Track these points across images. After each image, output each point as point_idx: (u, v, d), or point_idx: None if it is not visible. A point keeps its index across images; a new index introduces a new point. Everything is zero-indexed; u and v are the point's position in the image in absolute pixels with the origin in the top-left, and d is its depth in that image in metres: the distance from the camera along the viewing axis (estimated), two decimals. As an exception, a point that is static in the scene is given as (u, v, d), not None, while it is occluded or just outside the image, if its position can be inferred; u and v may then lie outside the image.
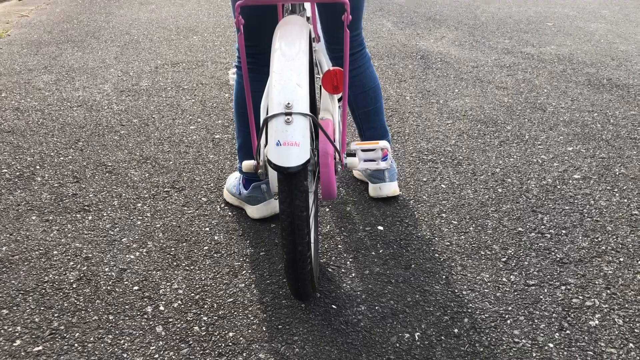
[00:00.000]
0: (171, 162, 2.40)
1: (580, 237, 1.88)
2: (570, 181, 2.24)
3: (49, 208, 2.06)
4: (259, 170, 1.46)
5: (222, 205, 2.08)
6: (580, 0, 6.06)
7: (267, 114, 1.36)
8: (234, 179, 2.06)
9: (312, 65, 1.64)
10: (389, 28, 4.72)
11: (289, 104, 1.32)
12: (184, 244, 1.87)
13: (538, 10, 5.46)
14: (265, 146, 1.40)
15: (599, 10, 5.51)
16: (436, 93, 3.21)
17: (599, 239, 1.87)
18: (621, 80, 3.42)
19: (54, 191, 2.17)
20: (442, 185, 2.22)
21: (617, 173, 2.30)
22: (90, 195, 2.15)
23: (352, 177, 2.27)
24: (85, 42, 4.18)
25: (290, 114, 1.31)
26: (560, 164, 2.38)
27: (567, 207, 2.06)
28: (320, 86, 1.58)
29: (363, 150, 1.61)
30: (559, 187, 2.20)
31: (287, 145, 1.30)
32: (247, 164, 1.49)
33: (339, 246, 1.85)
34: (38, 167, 2.35)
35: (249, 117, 1.50)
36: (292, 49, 1.39)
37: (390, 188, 2.07)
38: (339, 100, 1.77)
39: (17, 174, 2.30)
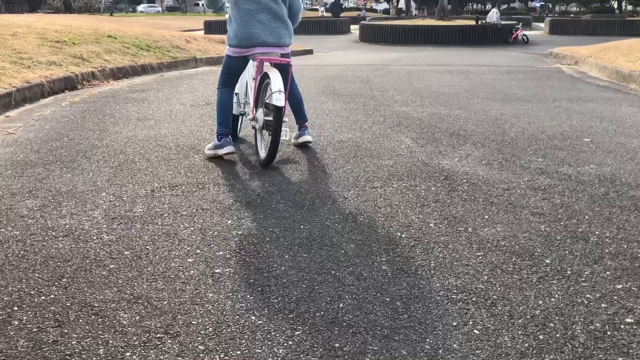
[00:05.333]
0: (165, 302, 2.41)
1: (638, 396, 1.84)
2: (622, 326, 2.21)
3: (25, 358, 2.05)
4: (252, 119, 4.57)
5: (222, 355, 2.06)
6: (618, 112, 6.25)
7: (266, 95, 4.28)
8: (211, 144, 4.58)
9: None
10: (408, 145, 4.87)
11: (280, 89, 4.07)
12: (178, 402, 1.84)
13: (573, 124, 5.63)
14: (257, 109, 4.50)
15: (641, 123, 5.68)
16: (464, 220, 3.25)
17: (661, 398, 1.82)
18: (672, 204, 3.46)
19: (32, 337, 2.17)
20: (475, 330, 2.20)
21: (676, 316, 2.27)
22: (73, 342, 2.14)
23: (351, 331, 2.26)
24: (76, 162, 4.34)
25: (281, 91, 4.06)
26: (609, 305, 2.36)
27: (620, 358, 2.02)
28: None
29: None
30: (609, 333, 2.17)
31: (279, 100, 4.04)
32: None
33: (357, 406, 1.81)
34: (16, 308, 2.37)
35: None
36: (276, 75, 4.15)
37: (305, 138, 4.87)
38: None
39: (-8, 316, 2.31)
